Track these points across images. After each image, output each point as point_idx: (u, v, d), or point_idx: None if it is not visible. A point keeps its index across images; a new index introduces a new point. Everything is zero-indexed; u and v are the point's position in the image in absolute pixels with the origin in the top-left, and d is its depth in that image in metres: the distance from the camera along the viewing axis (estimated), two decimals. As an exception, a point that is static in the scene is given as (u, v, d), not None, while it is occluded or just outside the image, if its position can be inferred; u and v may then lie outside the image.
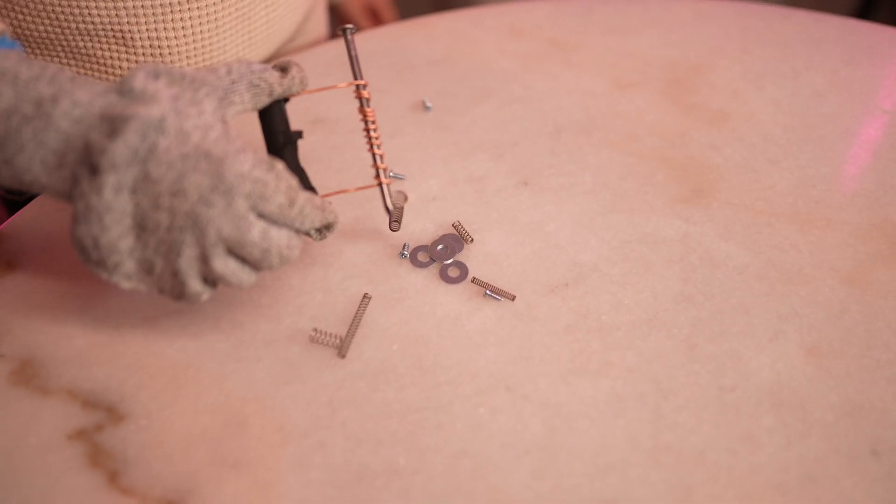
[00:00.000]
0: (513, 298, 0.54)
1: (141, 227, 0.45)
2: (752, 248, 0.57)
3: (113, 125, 0.44)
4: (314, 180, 0.63)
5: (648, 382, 0.50)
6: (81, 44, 0.62)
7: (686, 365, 0.51)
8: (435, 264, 0.57)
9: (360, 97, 0.54)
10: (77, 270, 0.57)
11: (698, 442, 0.47)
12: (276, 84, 0.50)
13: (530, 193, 0.61)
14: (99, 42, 0.62)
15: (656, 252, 0.57)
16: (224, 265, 0.46)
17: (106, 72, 0.64)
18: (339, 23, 1.05)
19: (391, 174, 0.63)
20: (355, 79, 0.54)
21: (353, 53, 0.54)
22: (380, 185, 0.54)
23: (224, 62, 0.49)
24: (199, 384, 0.50)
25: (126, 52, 0.63)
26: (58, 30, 0.62)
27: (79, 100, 0.45)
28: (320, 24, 0.87)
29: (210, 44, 0.66)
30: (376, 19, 1.03)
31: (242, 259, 0.47)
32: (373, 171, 0.58)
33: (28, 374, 0.51)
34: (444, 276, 0.56)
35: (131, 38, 0.62)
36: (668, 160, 0.63)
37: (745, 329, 0.52)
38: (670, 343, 0.52)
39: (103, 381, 0.51)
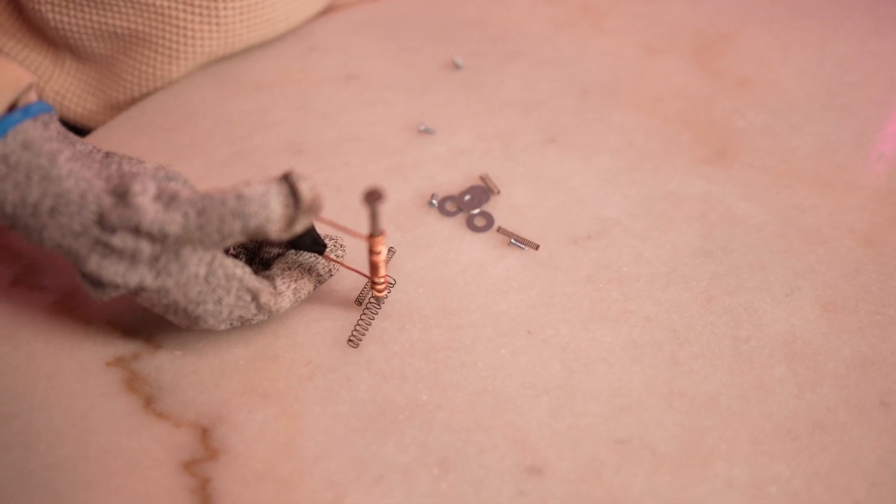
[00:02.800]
0: (536, 248, 0.56)
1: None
2: (772, 207, 0.58)
3: (95, 282, 0.46)
4: (344, 132, 0.65)
5: (665, 331, 0.52)
6: None
7: (703, 316, 0.52)
8: (462, 214, 0.58)
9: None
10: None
11: (712, 388, 0.49)
12: (273, 231, 0.45)
13: (556, 150, 0.63)
14: None
15: (678, 209, 0.58)
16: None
17: (162, 21, 0.66)
18: None
19: (422, 128, 0.64)
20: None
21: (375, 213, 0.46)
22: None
23: (219, 213, 0.44)
24: (232, 318, 0.53)
25: (183, 1, 0.65)
26: None
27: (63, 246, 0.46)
28: None
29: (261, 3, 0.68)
30: None
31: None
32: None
33: (70, 305, 0.54)
34: (471, 225, 0.58)
35: None
36: (692, 122, 0.64)
37: (762, 284, 0.54)
38: (688, 295, 0.53)
39: (141, 313, 0.53)
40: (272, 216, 0.44)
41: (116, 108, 0.72)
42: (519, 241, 0.56)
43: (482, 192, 0.59)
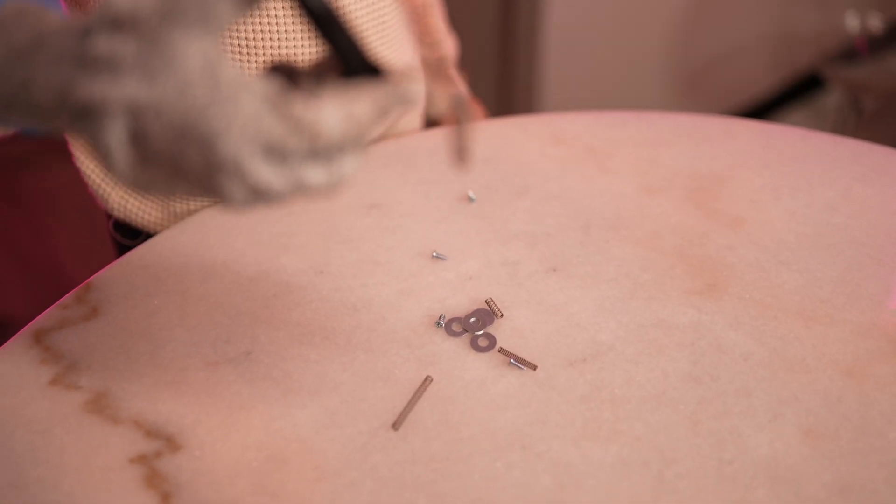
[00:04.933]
0: (534, 368, 0.60)
1: (170, 181, 0.40)
2: (759, 338, 0.62)
3: (84, 115, 0.39)
4: (364, 255, 0.70)
5: (653, 451, 0.54)
6: None
7: (689, 438, 0.55)
8: (467, 334, 0.63)
9: None
10: (152, 319, 0.64)
11: (696, 507, 0.51)
12: None
13: (558, 278, 0.68)
14: None
15: (669, 336, 0.62)
16: (262, 205, 0.40)
17: None
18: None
19: (434, 254, 0.70)
20: None
21: None
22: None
23: None
24: (249, 424, 0.57)
25: None
26: None
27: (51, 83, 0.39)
28: (414, 123, 0.95)
29: None
30: None
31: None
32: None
33: (101, 405, 0.58)
34: (475, 345, 0.62)
35: None
36: (686, 257, 0.69)
37: (747, 409, 0.57)
38: (676, 418, 0.56)
39: (166, 414, 0.57)
40: None
41: (175, 216, 0.79)
42: (518, 362, 0.60)
43: (487, 315, 0.64)
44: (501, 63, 2.00)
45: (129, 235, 0.85)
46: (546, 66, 1.91)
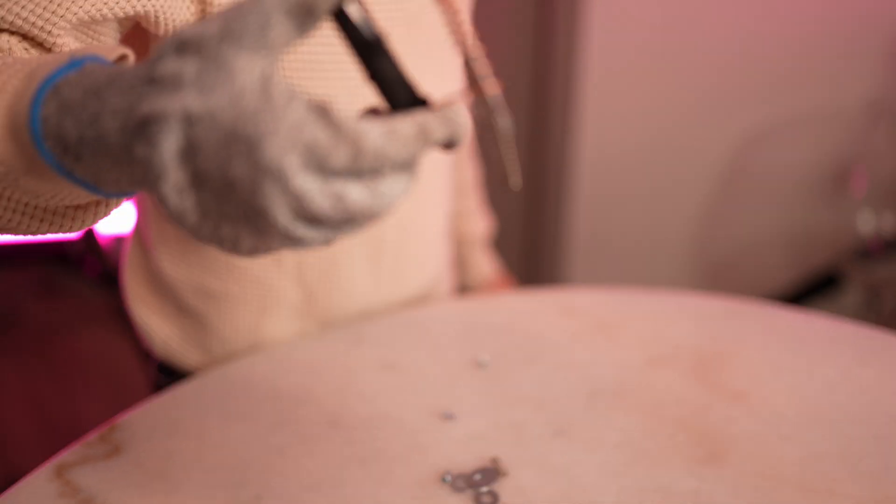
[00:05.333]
0: (535, 526, 0.61)
1: (217, 214, 0.41)
2: (759, 508, 0.63)
3: (143, 130, 0.40)
4: (377, 412, 0.73)
5: None
6: None
7: None
8: (471, 490, 0.64)
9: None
10: (170, 460, 0.67)
11: None
12: None
13: (563, 442, 0.70)
14: None
15: (669, 502, 0.63)
16: (306, 234, 0.40)
17: (254, 282, 0.82)
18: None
19: (445, 413, 0.73)
20: None
21: None
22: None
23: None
24: (252, 567, 0.58)
25: (274, 265, 0.80)
26: None
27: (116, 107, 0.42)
28: (445, 290, 1.01)
29: (340, 274, 0.81)
30: None
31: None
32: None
33: (113, 542, 0.60)
34: (478, 502, 0.63)
35: None
36: (688, 426, 0.71)
37: (745, 577, 0.57)
38: (674, 582, 0.57)
39: (173, 555, 0.59)
40: None
41: (214, 359, 0.84)
42: (520, 519, 0.61)
43: (492, 472, 0.66)
44: (528, 240, 2.09)
45: (170, 376, 0.90)
46: (573, 254, 1.99)
